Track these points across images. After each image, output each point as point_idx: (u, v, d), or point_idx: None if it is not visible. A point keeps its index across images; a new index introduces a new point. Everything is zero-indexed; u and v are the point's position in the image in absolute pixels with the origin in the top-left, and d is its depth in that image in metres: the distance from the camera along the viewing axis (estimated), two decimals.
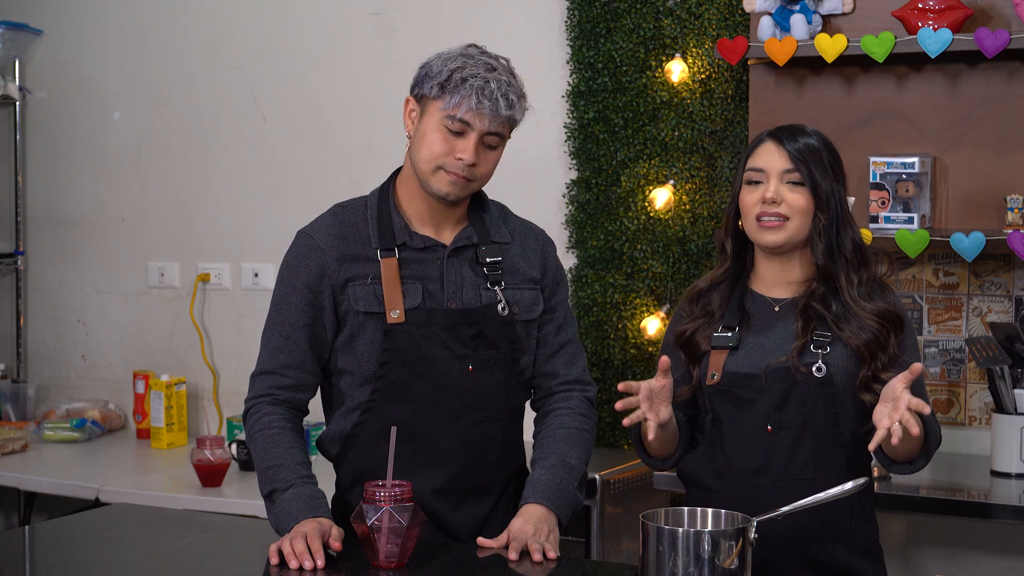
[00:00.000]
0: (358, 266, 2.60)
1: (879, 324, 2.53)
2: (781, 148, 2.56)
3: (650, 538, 2.19)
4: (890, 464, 2.54)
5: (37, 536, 2.77)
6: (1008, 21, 3.54)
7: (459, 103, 2.52)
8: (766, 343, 2.57)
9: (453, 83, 2.53)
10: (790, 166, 2.55)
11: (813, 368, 2.52)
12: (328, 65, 4.52)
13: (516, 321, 2.65)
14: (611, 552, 3.68)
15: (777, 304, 2.61)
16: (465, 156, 2.54)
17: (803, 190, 2.55)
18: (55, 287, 5.00)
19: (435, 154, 2.56)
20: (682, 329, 2.65)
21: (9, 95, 4.88)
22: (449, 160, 2.55)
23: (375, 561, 2.36)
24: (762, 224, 2.55)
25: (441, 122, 2.55)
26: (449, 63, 2.55)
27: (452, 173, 2.56)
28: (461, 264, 2.63)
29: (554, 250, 2.78)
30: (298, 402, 2.64)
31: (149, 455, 4.45)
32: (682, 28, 3.94)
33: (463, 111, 2.53)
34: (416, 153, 2.59)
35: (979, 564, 3.70)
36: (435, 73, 2.55)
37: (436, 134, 2.55)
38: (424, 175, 2.58)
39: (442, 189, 2.58)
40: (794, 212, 2.54)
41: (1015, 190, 3.55)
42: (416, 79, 2.62)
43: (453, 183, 2.57)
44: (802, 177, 2.54)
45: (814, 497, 2.32)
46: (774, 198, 2.54)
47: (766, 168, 2.56)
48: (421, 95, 2.59)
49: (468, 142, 2.55)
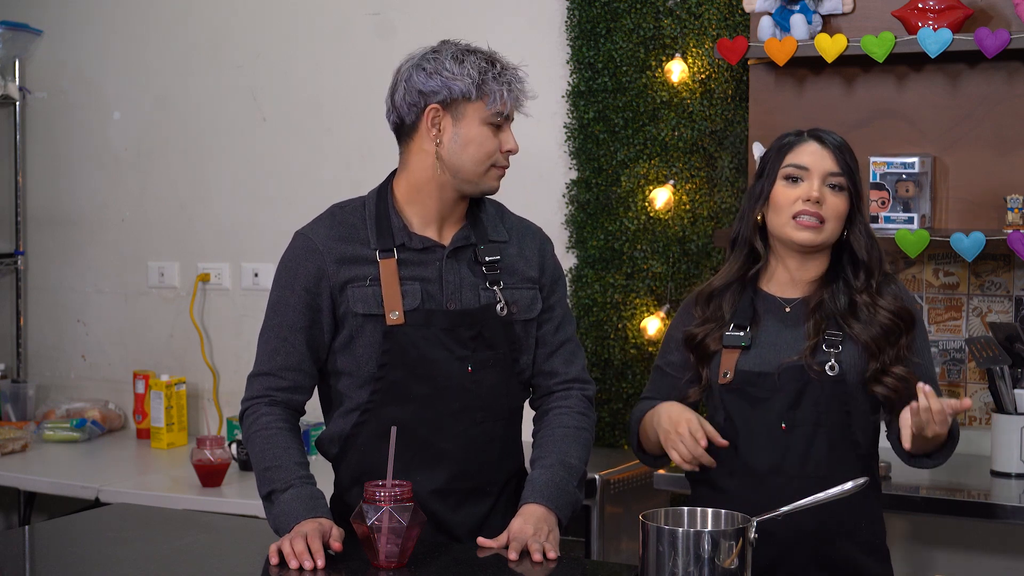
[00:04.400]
0: (357, 267, 2.59)
1: (892, 321, 2.54)
2: (826, 149, 2.57)
3: (650, 538, 2.19)
4: (910, 459, 2.56)
5: (37, 536, 2.77)
6: (1008, 21, 3.54)
7: (504, 98, 2.55)
8: (778, 342, 2.58)
9: (491, 82, 2.55)
10: (836, 169, 2.56)
11: (826, 367, 2.53)
12: (328, 65, 4.52)
13: (515, 321, 2.65)
14: (611, 552, 3.68)
15: (788, 304, 2.63)
16: (512, 147, 2.60)
17: (844, 195, 2.57)
18: (55, 287, 5.00)
19: (489, 153, 2.58)
20: (692, 332, 2.65)
21: (9, 95, 4.88)
22: (498, 157, 2.59)
23: (375, 561, 2.36)
24: (800, 222, 2.55)
25: (487, 121, 2.56)
26: (469, 63, 2.55)
27: (501, 167, 2.61)
28: (460, 265, 2.63)
29: (552, 248, 2.78)
30: (295, 403, 2.64)
31: (149, 455, 4.45)
32: (682, 28, 3.94)
33: (509, 105, 2.57)
34: (462, 158, 2.58)
35: (979, 564, 3.70)
36: (460, 75, 2.54)
37: (485, 134, 2.57)
38: (475, 176, 2.59)
39: (493, 185, 2.63)
40: (832, 216, 2.56)
41: (1015, 190, 3.55)
42: (431, 87, 2.56)
43: (500, 176, 2.63)
44: (846, 182, 2.56)
45: (814, 497, 2.33)
46: (819, 198, 2.54)
47: (811, 167, 2.57)
48: (450, 100, 2.56)
49: (509, 133, 2.60)
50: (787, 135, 2.64)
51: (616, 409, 4.03)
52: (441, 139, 2.58)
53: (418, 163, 2.62)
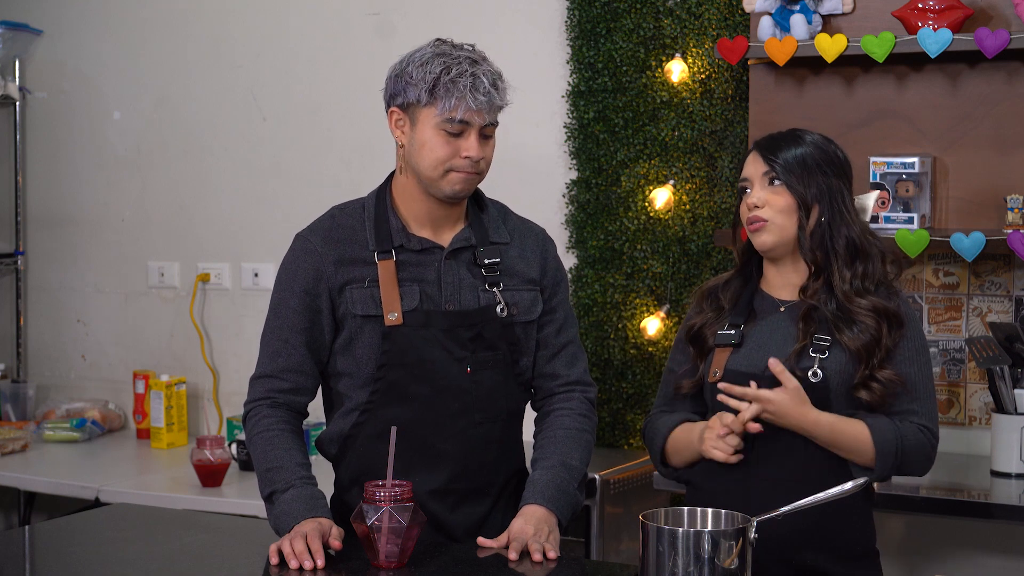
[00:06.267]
0: (355, 269, 2.60)
1: (875, 321, 2.53)
2: (758, 154, 2.63)
3: (650, 538, 2.19)
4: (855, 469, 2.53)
5: (37, 536, 2.77)
6: (1008, 21, 3.54)
7: (455, 105, 2.51)
8: (768, 344, 2.58)
9: (443, 87, 2.51)
10: (766, 168, 2.60)
11: (809, 373, 2.53)
12: (328, 65, 4.52)
13: (515, 323, 2.65)
14: (611, 552, 3.68)
15: (783, 305, 2.63)
16: (472, 153, 2.54)
17: (782, 190, 2.59)
18: (55, 287, 5.00)
19: (440, 159, 2.55)
20: (692, 323, 2.69)
21: (9, 95, 4.88)
22: (456, 161, 2.55)
23: (375, 561, 2.36)
24: (750, 228, 2.61)
25: (439, 127, 2.54)
26: (429, 67, 2.53)
27: (461, 172, 2.56)
28: (459, 266, 2.62)
29: (554, 249, 2.78)
30: (297, 405, 2.65)
31: (149, 455, 4.45)
32: (682, 28, 3.94)
33: (461, 112, 2.52)
34: (418, 161, 2.58)
35: (979, 564, 3.70)
36: (417, 80, 2.53)
37: (436, 139, 2.54)
38: (432, 180, 2.58)
39: (454, 189, 2.58)
40: (774, 212, 2.59)
41: (1015, 190, 3.55)
42: (393, 90, 2.59)
43: (464, 180, 2.57)
44: (778, 176, 2.58)
45: (813, 497, 2.33)
46: (756, 203, 2.60)
47: (750, 176, 2.63)
48: (407, 104, 2.57)
49: (471, 140, 2.54)
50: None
51: (616, 409, 4.03)
52: (404, 141, 2.60)
53: (401, 164, 2.65)
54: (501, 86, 2.57)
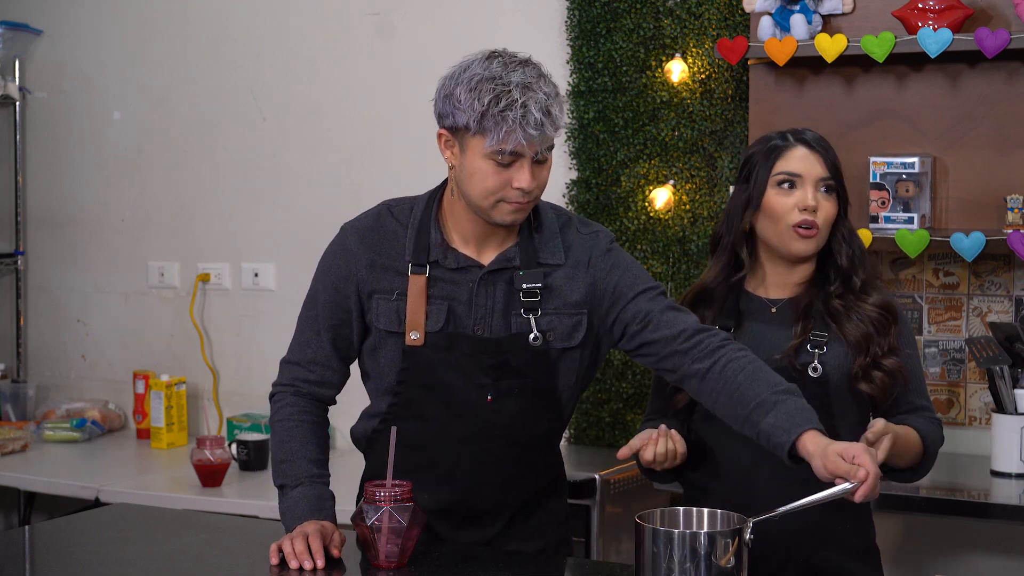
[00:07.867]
0: (386, 278, 2.51)
1: (880, 315, 2.54)
2: (815, 154, 2.55)
3: (645, 539, 2.18)
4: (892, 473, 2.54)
5: (37, 536, 2.77)
6: (1008, 21, 3.54)
7: (505, 138, 2.33)
8: (763, 343, 2.56)
9: (492, 118, 2.33)
10: (827, 174, 2.54)
11: (809, 368, 2.52)
12: (328, 65, 4.52)
13: (551, 349, 2.49)
14: (611, 552, 3.67)
15: (774, 305, 2.62)
16: (523, 185, 2.37)
17: (834, 198, 2.56)
18: (55, 287, 5.00)
19: (491, 189, 2.39)
20: None
21: (9, 95, 4.88)
22: (507, 192, 2.39)
23: (375, 561, 2.36)
24: (800, 232, 2.53)
25: (489, 157, 2.37)
26: (478, 93, 2.34)
27: (512, 203, 2.40)
28: (495, 287, 2.49)
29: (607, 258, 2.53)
30: (322, 396, 2.60)
31: (149, 455, 4.45)
32: (682, 28, 3.94)
33: (512, 145, 2.34)
34: (468, 189, 2.41)
35: (979, 564, 3.70)
36: (465, 107, 2.35)
37: (487, 169, 2.38)
38: (483, 209, 2.42)
39: (505, 219, 2.42)
40: (825, 222, 2.55)
41: (1015, 190, 3.55)
42: (442, 110, 2.41)
43: (516, 210, 2.41)
44: (836, 185, 2.55)
45: (813, 497, 2.30)
46: (815, 206, 2.52)
47: (803, 173, 2.54)
48: (455, 128, 2.39)
49: (523, 171, 2.37)
50: (771, 138, 2.60)
51: (616, 409, 4.03)
52: (454, 163, 2.46)
53: (452, 185, 2.49)
54: (555, 112, 2.37)
